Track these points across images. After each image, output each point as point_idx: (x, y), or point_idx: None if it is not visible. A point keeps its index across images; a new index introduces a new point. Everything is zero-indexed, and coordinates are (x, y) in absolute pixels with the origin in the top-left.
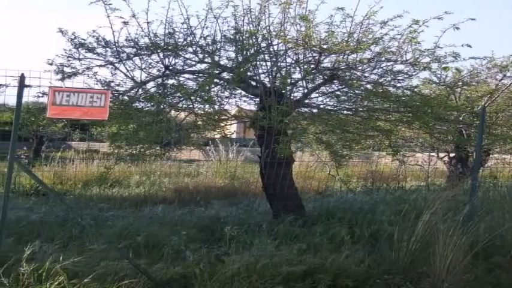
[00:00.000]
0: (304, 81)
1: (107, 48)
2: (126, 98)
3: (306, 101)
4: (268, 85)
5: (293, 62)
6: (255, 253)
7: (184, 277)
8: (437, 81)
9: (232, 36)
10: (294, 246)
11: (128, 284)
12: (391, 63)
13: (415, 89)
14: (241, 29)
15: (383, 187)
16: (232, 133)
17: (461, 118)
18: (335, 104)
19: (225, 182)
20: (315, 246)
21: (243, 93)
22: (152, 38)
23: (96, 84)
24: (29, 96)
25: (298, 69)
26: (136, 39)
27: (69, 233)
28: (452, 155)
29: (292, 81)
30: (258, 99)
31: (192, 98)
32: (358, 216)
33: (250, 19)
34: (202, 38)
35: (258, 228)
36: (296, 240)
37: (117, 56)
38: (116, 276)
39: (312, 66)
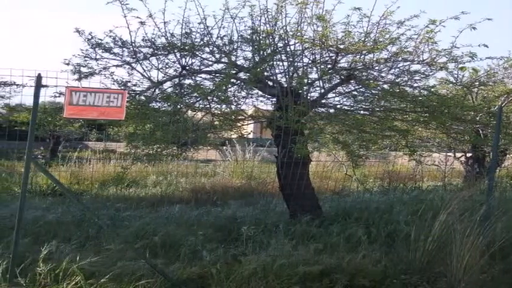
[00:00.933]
0: (321, 81)
1: (124, 48)
2: (143, 98)
3: (323, 101)
4: (285, 85)
5: (310, 62)
6: (272, 253)
7: (201, 277)
8: (454, 81)
9: (249, 36)
10: (311, 246)
11: (145, 284)
12: (408, 63)
13: (432, 89)
14: (258, 29)
15: (400, 187)
16: (249, 133)
17: (478, 118)
18: (352, 104)
19: (241, 182)
20: (331, 246)
21: (260, 93)
22: (169, 38)
23: (113, 84)
24: (45, 96)
25: (315, 69)
26: (153, 39)
27: (86, 233)
28: (469, 155)
29: (309, 81)
30: (274, 99)
31: (209, 98)
32: (375, 216)
33: (267, 19)
34: (219, 38)
35: (275, 228)
36: (313, 240)
37: (134, 56)
38: (133, 276)
39: (329, 66)
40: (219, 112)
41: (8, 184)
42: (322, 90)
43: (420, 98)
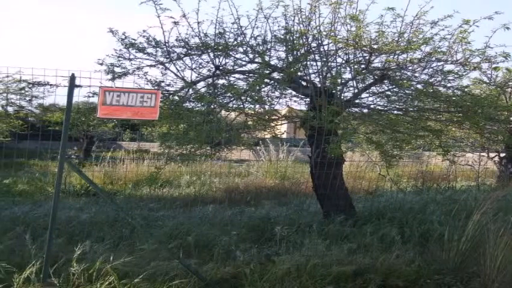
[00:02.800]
0: (354, 81)
1: (157, 48)
2: (176, 98)
3: (357, 101)
4: (319, 85)
5: (343, 62)
6: (306, 253)
7: (234, 277)
8: (488, 81)
9: (282, 36)
10: (345, 246)
11: (178, 284)
12: (442, 63)
13: (466, 89)
14: (292, 29)
15: (433, 187)
16: (283, 133)
17: (511, 118)
18: (385, 104)
19: (275, 182)
20: (365, 246)
21: (294, 93)
22: (202, 38)
23: (147, 84)
24: (79, 96)
25: (348, 69)
26: (186, 39)
27: (120, 233)
28: (502, 155)
29: (343, 81)
30: (308, 99)
31: (243, 98)
32: (409, 216)
33: (300, 19)
34: (252, 38)
35: (309, 228)
36: (346, 240)
37: (168, 56)
38: (166, 276)
39: (362, 66)
40: (253, 112)
41: (41, 184)
42: (356, 90)
43: (454, 98)
